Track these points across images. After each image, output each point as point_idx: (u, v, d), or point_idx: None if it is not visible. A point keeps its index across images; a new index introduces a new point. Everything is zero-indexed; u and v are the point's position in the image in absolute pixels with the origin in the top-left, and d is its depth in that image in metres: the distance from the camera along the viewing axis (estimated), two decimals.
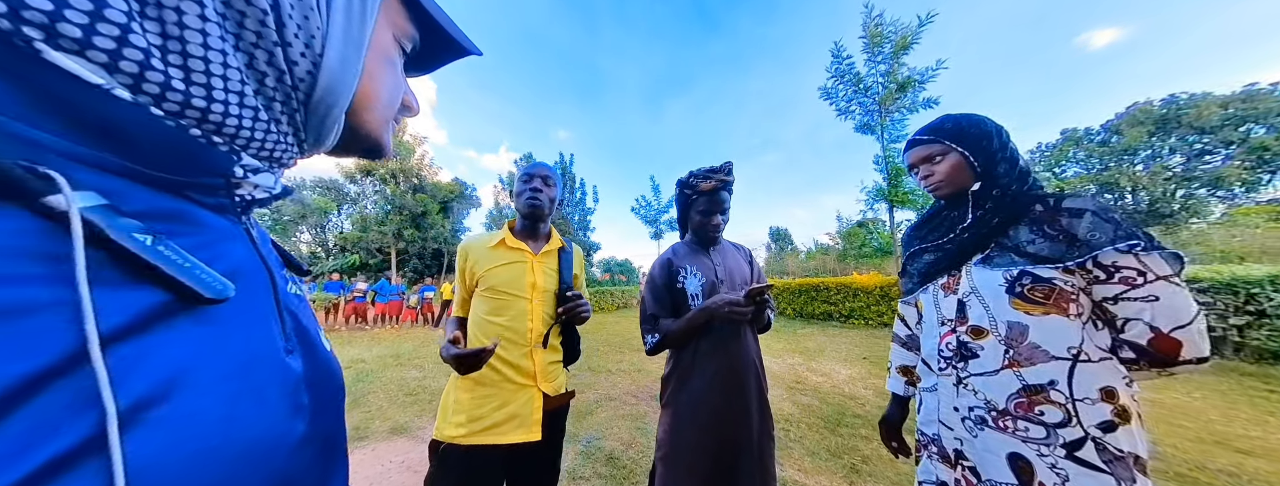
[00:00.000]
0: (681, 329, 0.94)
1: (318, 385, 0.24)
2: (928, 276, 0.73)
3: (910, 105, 6.67)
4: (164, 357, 0.15)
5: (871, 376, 3.42)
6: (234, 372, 0.18)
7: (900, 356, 0.88)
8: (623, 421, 2.43)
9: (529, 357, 0.87)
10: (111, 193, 0.15)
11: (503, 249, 0.93)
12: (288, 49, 0.20)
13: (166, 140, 0.17)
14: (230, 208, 0.21)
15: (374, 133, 0.26)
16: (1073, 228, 0.56)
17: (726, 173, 0.99)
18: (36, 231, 0.13)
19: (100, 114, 0.15)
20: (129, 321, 0.14)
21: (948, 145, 0.69)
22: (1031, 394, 0.57)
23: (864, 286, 7.23)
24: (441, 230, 21.30)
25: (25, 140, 0.13)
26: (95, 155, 0.15)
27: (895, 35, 6.48)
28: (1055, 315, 0.57)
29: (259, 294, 0.22)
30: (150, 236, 0.16)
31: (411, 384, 3.40)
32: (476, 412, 0.82)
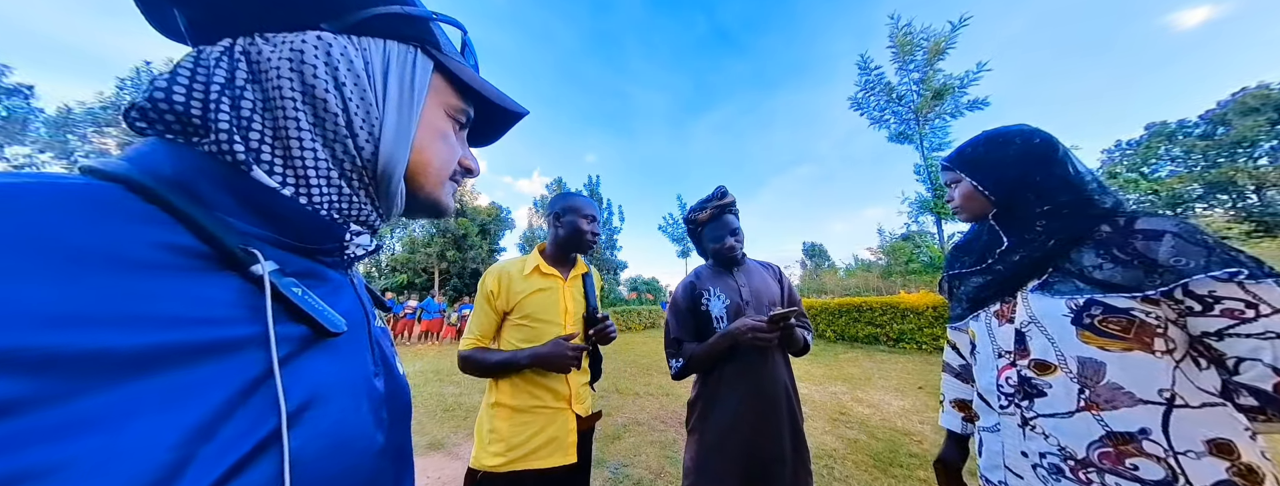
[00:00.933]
0: (704, 354, 0.94)
1: (393, 402, 0.29)
2: (977, 303, 0.67)
3: (952, 111, 6.27)
4: (308, 376, 0.22)
5: (928, 409, 3.04)
6: (347, 390, 0.24)
7: (954, 389, 0.81)
8: (651, 448, 2.35)
9: (565, 382, 0.91)
10: (279, 260, 0.23)
11: (537, 276, 0.94)
12: (356, 138, 0.25)
13: (310, 222, 0.25)
14: (341, 264, 0.28)
15: (430, 196, 0.30)
16: (1150, 251, 0.50)
17: (719, 197, 1.03)
18: (247, 290, 0.20)
19: (275, 209, 0.23)
20: (291, 349, 0.21)
21: (957, 173, 0.69)
22: (1118, 443, 0.49)
23: (914, 306, 6.56)
24: (480, 251, 22.75)
25: (241, 231, 0.22)
26: (271, 236, 0.23)
27: (926, 42, 6.26)
28: (1138, 351, 0.49)
29: (359, 329, 0.28)
30: (301, 289, 0.23)
31: (449, 400, 3.55)
32: (515, 440, 0.84)
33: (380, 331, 0.32)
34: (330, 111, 0.24)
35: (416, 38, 0.28)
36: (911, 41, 6.32)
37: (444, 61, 0.29)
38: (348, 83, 0.24)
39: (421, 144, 0.28)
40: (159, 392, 0.15)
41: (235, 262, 0.20)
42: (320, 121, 0.24)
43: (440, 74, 0.29)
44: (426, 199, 0.30)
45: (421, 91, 0.28)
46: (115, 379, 0.15)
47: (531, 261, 0.97)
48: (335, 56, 0.24)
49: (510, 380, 0.90)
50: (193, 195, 0.20)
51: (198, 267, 0.19)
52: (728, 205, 1.03)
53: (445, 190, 0.31)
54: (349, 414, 0.24)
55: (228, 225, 0.21)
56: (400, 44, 0.27)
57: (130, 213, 0.18)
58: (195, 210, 0.20)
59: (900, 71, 6.55)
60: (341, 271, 0.29)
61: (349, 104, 0.25)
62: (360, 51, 0.25)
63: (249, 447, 0.17)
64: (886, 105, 6.78)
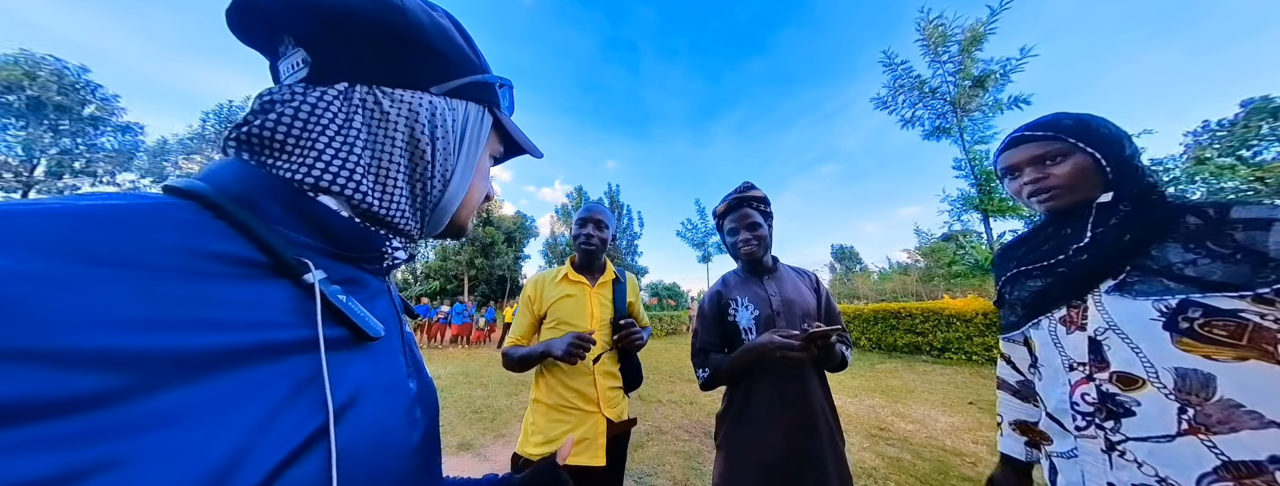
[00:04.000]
0: (729, 369, 0.90)
1: (424, 403, 0.31)
2: (1037, 308, 0.59)
3: (993, 103, 5.78)
4: (352, 375, 0.24)
5: (981, 426, 2.76)
6: (385, 390, 0.26)
7: (1013, 409, 0.71)
8: (675, 458, 2.30)
9: (592, 384, 0.94)
10: (326, 267, 0.25)
11: (566, 283, 1.03)
12: (431, 182, 0.30)
13: (356, 235, 0.27)
14: (381, 271, 0.31)
15: (463, 222, 0.35)
16: (1256, 243, 0.43)
17: (743, 190, 0.99)
18: (298, 296, 0.22)
19: (327, 223, 0.26)
20: (336, 351, 0.23)
21: (1071, 143, 0.56)
22: (1242, 476, 0.41)
23: (961, 313, 6.03)
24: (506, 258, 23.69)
25: (297, 243, 0.24)
26: (320, 246, 0.26)
27: (960, 32, 5.83)
28: (1256, 361, 0.42)
29: (393, 332, 0.30)
30: (345, 295, 0.25)
31: (477, 402, 3.67)
32: (551, 434, 0.90)
33: (410, 335, 0.35)
34: (424, 159, 0.29)
35: (487, 100, 0.33)
36: (943, 33, 5.89)
37: (501, 119, 0.35)
38: (439, 137, 0.29)
39: (474, 184, 0.33)
40: (222, 390, 0.17)
41: (289, 271, 0.22)
42: (413, 165, 0.29)
43: (494, 128, 0.35)
44: (460, 224, 0.35)
45: (484, 145, 0.33)
46: (185, 378, 0.16)
47: (563, 270, 1.07)
48: (437, 116, 0.29)
49: (543, 378, 0.98)
50: (255, 209, 0.22)
51: (257, 276, 0.21)
52: (748, 199, 0.98)
53: (472, 218, 0.36)
54: (387, 412, 0.25)
55: (284, 237, 0.23)
56: (476, 105, 0.32)
57: (200, 227, 0.20)
58: (256, 223, 0.22)
59: (933, 65, 6.11)
60: (381, 278, 0.31)
61: (437, 155, 0.30)
62: (451, 112, 0.30)
63: (299, 441, 0.19)
64: (918, 100, 6.36)
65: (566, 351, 0.87)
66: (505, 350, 1.00)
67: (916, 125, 6.59)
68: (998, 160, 0.65)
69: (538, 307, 1.01)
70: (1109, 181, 0.54)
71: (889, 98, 6.74)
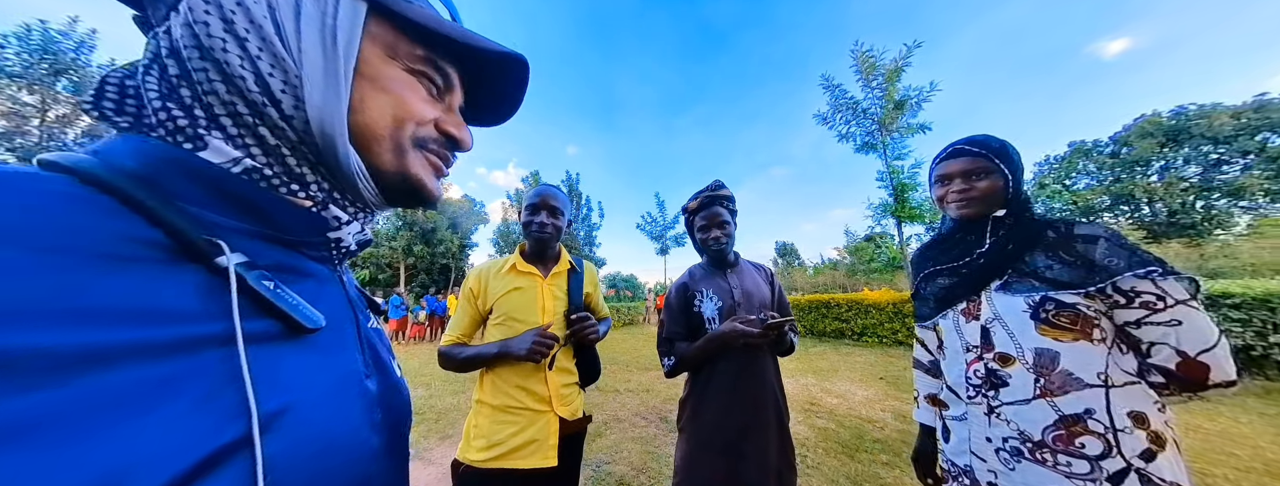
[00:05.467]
0: (694, 355, 0.95)
1: (388, 405, 0.27)
2: (945, 302, 0.72)
3: (907, 127, 6.84)
4: (287, 374, 0.20)
5: (888, 397, 3.29)
6: (331, 390, 0.22)
7: (926, 384, 0.85)
8: (632, 444, 2.36)
9: (544, 382, 0.87)
10: (251, 251, 0.21)
11: (514, 274, 0.93)
12: (280, 106, 0.21)
13: (279, 208, 0.23)
14: (330, 258, 0.27)
15: (394, 167, 0.25)
16: (1089, 253, 0.58)
17: (714, 189, 1.04)
18: (210, 284, 0.19)
19: (255, 200, 0.22)
20: (262, 346, 0.20)
21: (995, 163, 0.67)
22: (1070, 425, 0.56)
23: (876, 303, 7.06)
24: (450, 246, 21.66)
25: (207, 222, 0.20)
26: (247, 227, 0.22)
27: (887, 64, 6.77)
28: (1083, 341, 0.57)
29: (344, 327, 0.26)
30: (273, 282, 0.21)
31: (417, 402, 3.36)
32: (496, 438, 0.83)
33: (373, 332, 0.30)
34: (236, 74, 0.20)
35: None
36: (873, 63, 6.83)
37: (383, 3, 0.23)
38: (251, 37, 0.20)
39: (361, 101, 0.23)
40: (101, 396, 0.14)
41: (199, 255, 0.18)
42: (237, 91, 0.21)
43: (383, 18, 0.24)
44: (392, 172, 0.25)
45: (351, 39, 0.22)
46: (38, 383, 0.13)
47: (510, 260, 0.96)
48: (228, 8, 0.20)
49: (489, 379, 0.89)
50: (156, 187, 0.19)
51: (154, 260, 0.17)
52: (719, 197, 1.03)
53: (412, 159, 0.25)
54: (337, 415, 0.22)
55: (191, 216, 0.19)
56: None
57: (75, 201, 0.16)
58: (154, 200, 0.18)
59: (865, 89, 7.04)
60: (330, 266, 0.27)
61: (258, 64, 0.20)
62: None
63: (204, 455, 0.15)
64: (852, 118, 7.25)
65: (530, 351, 0.81)
66: (444, 350, 0.90)
67: (850, 140, 7.46)
68: (935, 166, 0.75)
69: (482, 302, 0.91)
70: (1007, 200, 0.67)
71: (829, 114, 7.54)
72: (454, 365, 0.89)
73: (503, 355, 0.84)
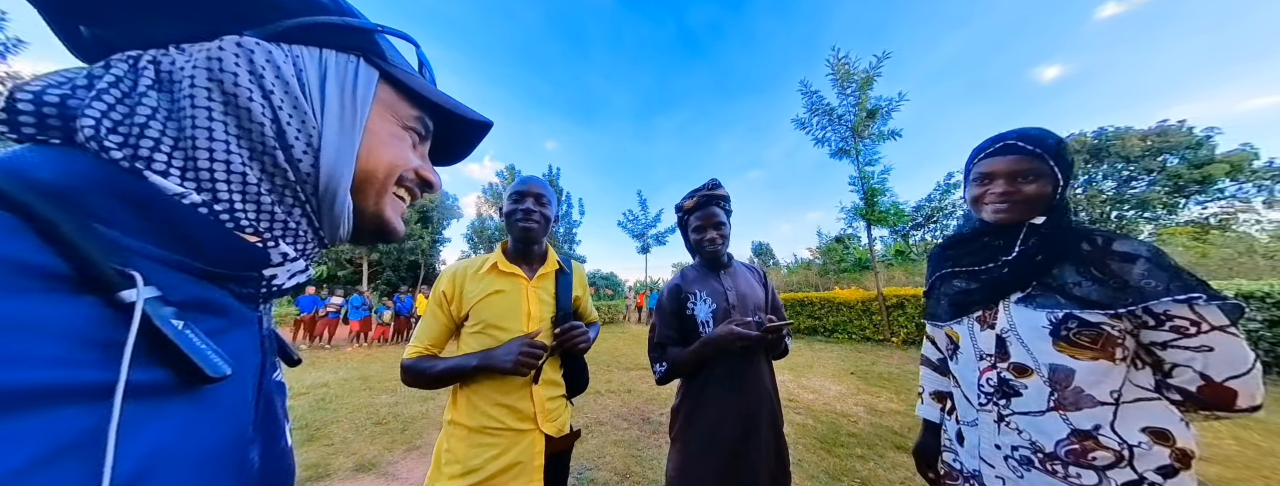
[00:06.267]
0: (688, 360, 0.91)
1: (268, 481, 0.24)
2: (961, 308, 0.68)
3: (878, 135, 7.24)
4: (149, 436, 0.16)
5: (860, 392, 3.45)
6: (201, 460, 0.19)
7: (933, 382, 0.83)
8: (615, 448, 2.31)
9: (527, 397, 0.78)
10: (166, 285, 0.18)
11: (495, 275, 0.82)
12: (290, 150, 0.23)
13: (221, 241, 0.21)
14: (257, 296, 0.24)
15: (373, 210, 0.27)
16: (1124, 272, 0.54)
17: (711, 188, 1.00)
18: (106, 320, 0.16)
19: (177, 220, 0.19)
20: (143, 399, 0.16)
21: (1049, 166, 0.59)
22: (1083, 439, 0.55)
23: (846, 301, 7.44)
24: (421, 242, 20.44)
25: (120, 246, 0.17)
26: (166, 256, 0.19)
27: (861, 72, 7.13)
28: (1103, 360, 0.54)
29: (248, 380, 0.23)
30: (182, 322, 0.18)
31: (381, 411, 3.12)
32: (472, 463, 0.73)
33: (275, 386, 0.27)
34: (256, 121, 0.22)
35: (357, 48, 0.26)
36: (848, 70, 7.17)
37: (391, 71, 0.28)
38: (277, 90, 0.23)
39: (367, 153, 0.26)
40: None
41: (102, 286, 0.16)
42: (246, 132, 0.22)
43: (389, 84, 0.28)
44: (372, 217, 0.27)
45: (366, 101, 0.26)
46: None
47: (491, 259, 0.85)
48: (259, 63, 0.22)
49: (465, 396, 0.78)
50: (71, 204, 0.17)
51: (41, 289, 0.15)
52: (716, 197, 0.99)
53: (390, 205, 0.28)
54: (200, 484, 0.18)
55: (106, 240, 0.17)
56: (339, 53, 0.26)
57: None
58: (63, 219, 0.16)
59: (840, 96, 7.37)
60: (253, 306, 0.25)
61: (279, 113, 0.23)
62: (290, 58, 0.24)
63: None
64: (828, 124, 7.57)
65: (516, 364, 0.71)
66: (409, 363, 0.78)
67: (825, 145, 7.79)
68: (975, 160, 0.66)
69: (457, 308, 0.80)
70: (1050, 207, 0.61)
71: (806, 120, 7.82)
72: (423, 382, 0.77)
73: (484, 368, 0.73)
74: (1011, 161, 0.61)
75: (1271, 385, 3.28)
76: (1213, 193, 20.45)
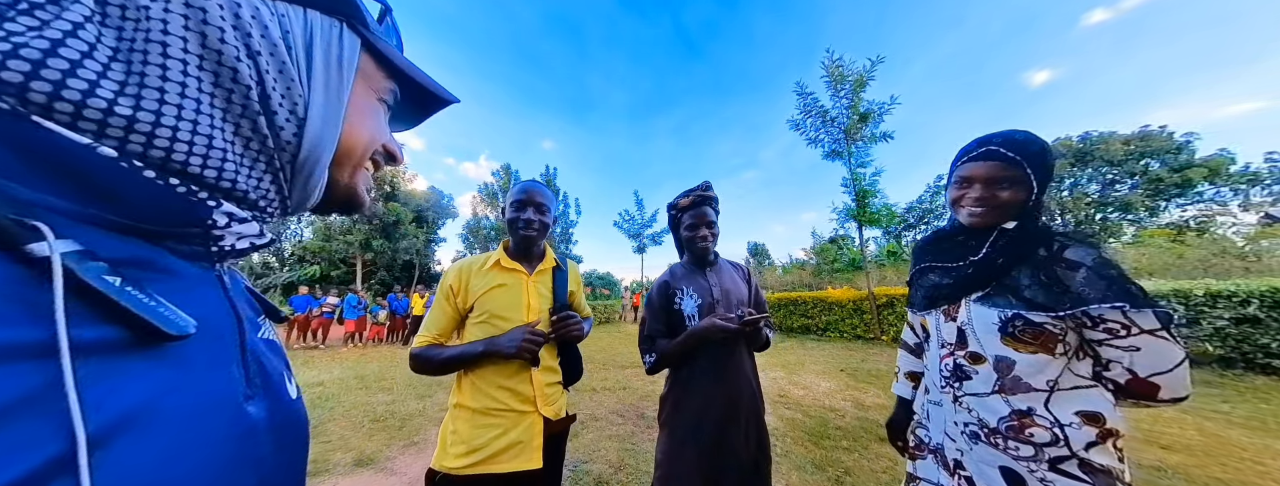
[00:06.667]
0: (675, 351, 0.98)
1: (279, 432, 0.23)
2: (932, 301, 0.75)
3: (870, 136, 7.39)
4: (130, 389, 0.16)
5: (849, 388, 3.55)
6: (192, 411, 0.18)
7: (908, 363, 0.91)
8: (610, 443, 2.37)
9: (529, 382, 0.85)
10: (89, 242, 0.17)
11: (498, 271, 0.90)
12: (273, 116, 0.22)
13: (146, 192, 0.19)
14: (204, 255, 0.22)
15: (349, 186, 0.27)
16: (1067, 279, 0.59)
17: (705, 189, 1.07)
18: (17, 277, 0.14)
19: (86, 170, 0.17)
20: (97, 355, 0.15)
21: (1026, 173, 0.62)
22: (1021, 418, 0.63)
23: (838, 300, 7.57)
24: (415, 241, 20.30)
25: (18, 199, 0.15)
26: (79, 209, 0.17)
27: (854, 74, 7.26)
28: (1042, 354, 0.61)
29: (224, 338, 0.22)
30: (119, 278, 0.17)
31: (378, 409, 3.15)
32: (477, 442, 0.80)
33: (263, 344, 0.26)
34: (241, 83, 0.20)
35: (341, 13, 0.24)
36: (843, 73, 7.30)
37: (371, 40, 0.26)
38: (263, 51, 0.21)
39: (349, 125, 0.25)
40: None
41: (4, 242, 0.14)
42: (227, 93, 0.20)
43: (368, 53, 0.26)
44: (345, 189, 0.27)
45: (350, 70, 0.25)
46: None
47: (494, 256, 0.93)
48: (246, 19, 0.20)
49: (470, 381, 0.85)
50: None
51: None
52: (708, 198, 1.06)
53: (361, 178, 0.28)
54: (195, 443, 0.18)
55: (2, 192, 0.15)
56: (323, 15, 0.24)
57: None
58: None
59: (833, 98, 7.50)
60: (203, 265, 0.23)
61: (264, 77, 0.21)
62: (276, 17, 0.22)
63: (8, 480, 0.12)
64: (821, 126, 7.71)
65: (520, 349, 0.79)
66: (418, 351, 0.85)
67: (819, 145, 7.93)
68: (959, 163, 0.70)
69: (462, 300, 0.87)
70: (1023, 212, 0.65)
71: (800, 121, 7.95)
72: (432, 368, 0.84)
73: (489, 354, 0.81)
74: (991, 167, 0.65)
75: (1238, 379, 3.45)
76: (1192, 196, 21.06)
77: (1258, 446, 2.14)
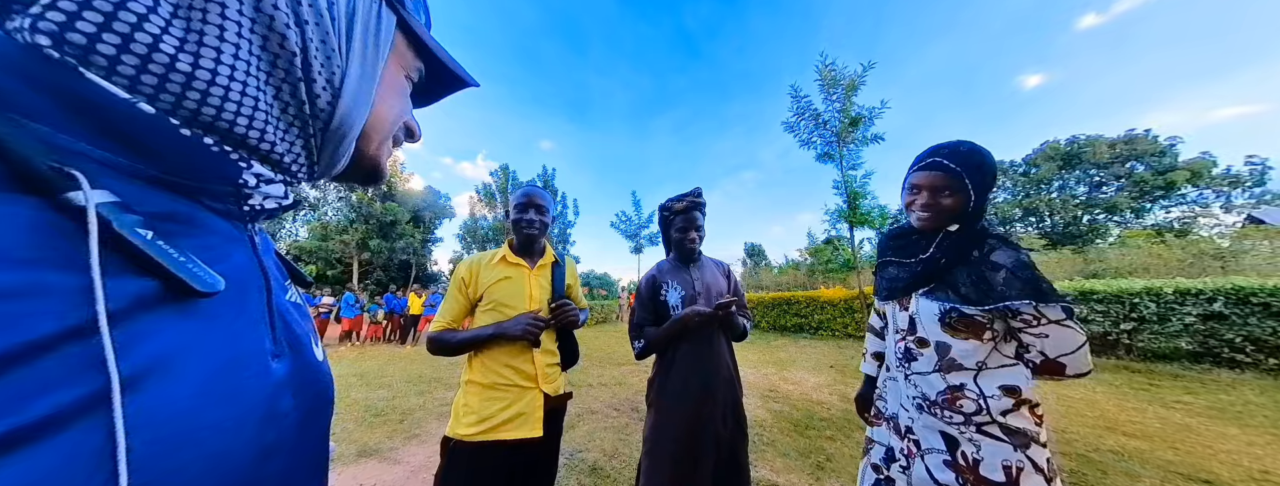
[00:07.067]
0: (661, 337, 1.09)
1: (302, 392, 0.24)
2: (890, 294, 0.86)
3: (862, 139, 7.56)
4: (157, 340, 0.16)
5: (837, 383, 3.67)
6: (217, 366, 0.18)
7: (874, 344, 1.03)
8: (605, 433, 2.47)
9: (530, 362, 0.97)
10: (124, 194, 0.17)
11: (504, 265, 1.03)
12: (312, 84, 0.23)
13: (181, 147, 0.19)
14: (237, 214, 0.23)
15: (374, 157, 0.28)
16: (991, 279, 0.71)
17: (696, 196, 1.19)
18: (55, 223, 0.14)
19: (124, 123, 0.17)
20: (129, 304, 0.16)
21: (965, 183, 0.72)
22: (953, 392, 0.75)
23: (830, 300, 7.72)
24: (412, 241, 20.24)
25: (57, 146, 0.15)
26: (114, 159, 0.17)
27: (846, 79, 7.44)
28: (973, 340, 0.73)
29: (252, 297, 0.22)
30: (151, 232, 0.17)
31: (379, 405, 3.22)
32: (486, 412, 0.91)
33: (290, 306, 0.27)
34: (288, 49, 0.21)
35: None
36: (835, 77, 7.47)
37: (407, 19, 0.27)
38: (310, 21, 0.21)
39: (380, 100, 0.26)
40: None
41: (41, 187, 0.15)
42: (274, 58, 0.21)
43: (401, 32, 0.27)
44: (370, 160, 0.28)
45: (386, 47, 0.26)
46: None
47: (500, 253, 1.06)
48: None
49: (480, 360, 0.96)
50: None
51: None
52: (699, 204, 1.18)
53: (385, 152, 0.29)
54: (216, 394, 0.18)
55: (35, 135, 0.15)
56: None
57: None
58: None
59: (826, 101, 7.67)
60: (237, 224, 0.23)
61: (309, 45, 0.22)
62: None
63: (41, 413, 0.13)
64: (814, 129, 7.88)
65: (525, 330, 0.91)
66: (435, 335, 0.98)
67: (811, 147, 8.09)
68: (911, 171, 0.81)
69: (473, 290, 1.00)
70: (963, 217, 0.75)
71: (794, 123, 8.11)
72: (448, 349, 0.95)
73: (497, 336, 0.93)
74: (934, 177, 0.75)
75: (1204, 373, 3.62)
76: (1175, 198, 21.56)
77: (1212, 433, 2.29)
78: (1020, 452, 0.69)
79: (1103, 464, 1.93)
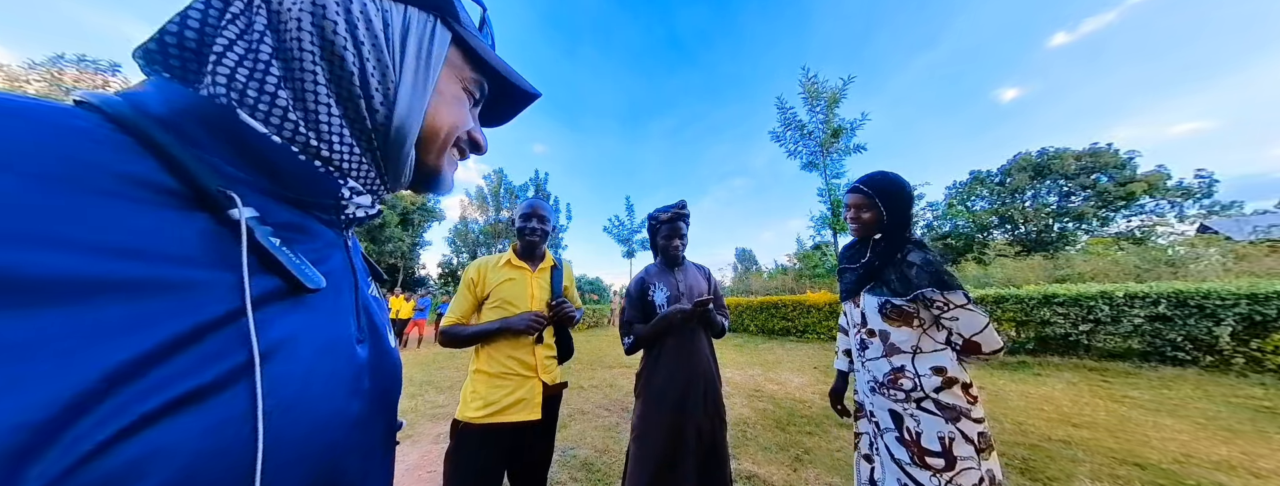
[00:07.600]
0: (648, 333, 1.23)
1: (378, 373, 0.28)
2: (847, 294, 1.05)
3: (844, 149, 7.95)
4: (277, 324, 0.20)
5: (819, 383, 3.83)
6: (320, 346, 0.23)
7: (843, 342, 1.20)
8: (596, 432, 2.55)
9: (531, 354, 1.10)
10: (262, 208, 0.21)
11: (508, 267, 1.16)
12: (371, 100, 0.25)
13: (299, 171, 0.23)
14: (337, 223, 0.27)
15: (434, 165, 0.30)
16: (907, 274, 0.89)
17: (681, 208, 1.35)
18: (218, 233, 0.19)
19: (264, 153, 0.22)
20: (261, 295, 0.20)
21: (875, 202, 0.95)
22: (895, 373, 0.90)
23: (816, 303, 7.95)
24: (401, 244, 19.87)
25: (224, 173, 0.20)
26: (257, 181, 0.22)
27: (828, 92, 7.85)
28: (905, 327, 0.90)
29: (344, 291, 0.26)
30: (279, 240, 0.21)
31: None
32: (491, 397, 1.03)
33: (372, 299, 0.31)
34: (347, 70, 0.24)
35: (436, 7, 0.27)
36: (818, 89, 7.88)
37: (462, 34, 0.29)
38: (366, 42, 0.24)
39: (433, 110, 0.28)
40: (82, 324, 0.14)
41: (211, 205, 0.19)
42: (336, 79, 0.24)
43: (457, 47, 0.29)
44: (432, 168, 0.30)
45: (439, 61, 0.28)
46: (23, 306, 0.13)
47: (505, 256, 1.20)
48: (355, 14, 0.24)
49: (487, 351, 1.09)
50: (180, 133, 0.19)
51: (163, 204, 0.18)
52: (684, 215, 1.34)
53: (448, 161, 0.31)
54: (319, 371, 0.22)
55: (211, 166, 0.20)
56: (420, 11, 0.27)
57: (96, 138, 0.17)
58: (175, 146, 0.18)
59: (810, 112, 8.06)
60: (337, 231, 0.28)
61: (366, 64, 0.24)
62: (380, 11, 0.25)
63: (176, 394, 0.15)
64: (800, 139, 8.26)
65: (528, 325, 1.05)
66: (447, 328, 1.11)
67: (797, 157, 8.45)
68: (845, 197, 1.05)
69: (480, 290, 1.13)
70: (883, 228, 0.97)
71: (781, 133, 8.47)
72: (458, 341, 1.08)
73: (503, 330, 1.06)
74: (855, 198, 1.00)
75: (1151, 370, 3.92)
76: (1135, 208, 22.95)
77: (1149, 423, 2.52)
78: (951, 425, 0.84)
79: (1051, 451, 2.12)
